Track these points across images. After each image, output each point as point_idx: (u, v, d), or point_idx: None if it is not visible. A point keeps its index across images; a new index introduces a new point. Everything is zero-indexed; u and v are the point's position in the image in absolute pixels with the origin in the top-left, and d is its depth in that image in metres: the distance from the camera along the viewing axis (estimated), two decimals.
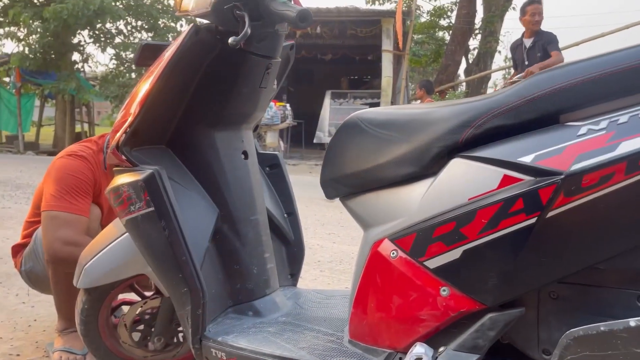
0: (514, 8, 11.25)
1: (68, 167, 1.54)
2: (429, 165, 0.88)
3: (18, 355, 1.66)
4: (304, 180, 5.91)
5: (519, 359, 0.86)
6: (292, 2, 1.11)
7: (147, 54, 1.27)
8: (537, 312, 0.83)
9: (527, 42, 4.47)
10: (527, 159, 0.76)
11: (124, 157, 1.12)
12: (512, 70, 5.08)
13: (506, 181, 0.77)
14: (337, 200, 1.05)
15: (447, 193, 0.84)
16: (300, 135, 10.54)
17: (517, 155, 0.77)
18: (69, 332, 1.64)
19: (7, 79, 12.04)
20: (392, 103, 8.32)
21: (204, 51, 1.12)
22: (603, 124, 0.73)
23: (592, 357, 0.70)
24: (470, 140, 0.83)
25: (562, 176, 0.72)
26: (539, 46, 4.38)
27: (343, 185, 1.01)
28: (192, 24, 1.11)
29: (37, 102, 12.67)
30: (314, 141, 9.73)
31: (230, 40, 1.03)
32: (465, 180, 0.82)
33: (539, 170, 0.74)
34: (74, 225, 1.48)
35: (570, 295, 0.81)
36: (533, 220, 0.74)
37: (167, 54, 1.10)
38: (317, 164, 6.26)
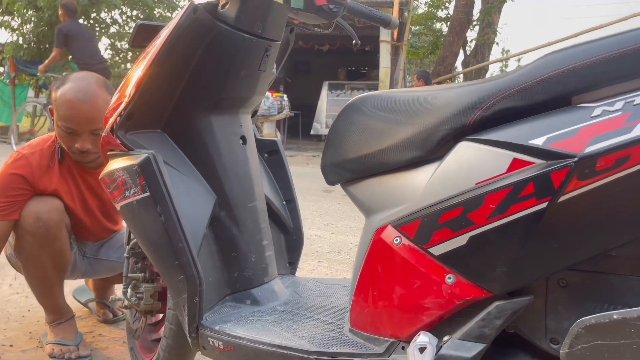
0: None
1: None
2: (434, 149, 0.84)
3: (11, 345, 1.63)
4: (301, 171, 5.88)
5: (525, 349, 0.84)
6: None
7: (143, 35, 1.22)
8: (545, 301, 0.81)
9: None
10: (538, 142, 0.72)
11: (118, 141, 1.08)
12: (509, 63, 5.13)
13: (516, 165, 0.74)
14: (334, 192, 1.03)
15: (453, 178, 0.81)
16: (298, 127, 10.48)
17: (528, 138, 0.74)
18: (57, 323, 1.61)
19: (0, 69, 11.91)
20: None
21: (202, 31, 1.08)
22: (618, 105, 0.69)
23: (603, 346, 0.67)
24: (478, 123, 0.80)
25: (576, 159, 0.69)
26: None
27: (344, 170, 0.98)
28: (190, 2, 1.07)
29: (31, 93, 12.55)
30: (311, 132, 9.69)
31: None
32: (472, 164, 0.79)
33: (550, 153, 0.71)
34: None
35: (581, 283, 0.78)
36: (544, 205, 0.71)
37: (164, 34, 1.06)
38: (315, 155, 6.23)
